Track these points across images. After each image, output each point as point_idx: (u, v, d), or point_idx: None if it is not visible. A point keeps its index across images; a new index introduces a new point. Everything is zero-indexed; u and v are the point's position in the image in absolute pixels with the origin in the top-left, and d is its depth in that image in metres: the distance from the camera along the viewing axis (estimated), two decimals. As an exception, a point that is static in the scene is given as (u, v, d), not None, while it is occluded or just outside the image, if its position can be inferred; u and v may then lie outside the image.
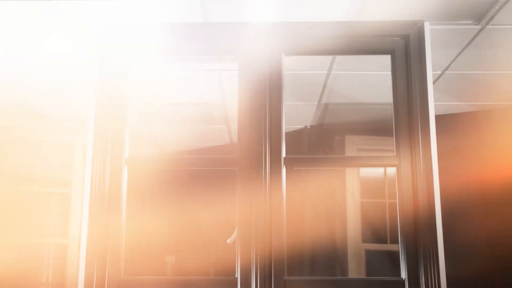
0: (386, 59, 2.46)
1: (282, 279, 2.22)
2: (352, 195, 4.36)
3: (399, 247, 2.28)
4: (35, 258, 4.44)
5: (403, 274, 2.24)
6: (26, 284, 4.48)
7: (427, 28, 2.45)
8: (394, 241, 4.35)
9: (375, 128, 4.44)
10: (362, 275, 4.24)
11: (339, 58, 3.37)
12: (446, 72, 3.53)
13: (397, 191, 2.31)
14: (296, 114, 4.44)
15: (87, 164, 2.33)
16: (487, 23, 2.67)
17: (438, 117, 2.39)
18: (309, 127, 4.74)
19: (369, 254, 4.38)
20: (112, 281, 2.22)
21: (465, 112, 4.24)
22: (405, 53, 2.41)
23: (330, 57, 3.36)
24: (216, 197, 5.47)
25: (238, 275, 2.23)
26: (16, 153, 4.36)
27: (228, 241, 2.55)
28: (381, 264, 4.53)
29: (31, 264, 4.40)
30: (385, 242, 4.42)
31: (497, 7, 2.50)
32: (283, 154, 2.34)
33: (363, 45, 2.45)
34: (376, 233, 4.46)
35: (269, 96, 2.39)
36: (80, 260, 2.24)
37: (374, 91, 3.86)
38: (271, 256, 2.24)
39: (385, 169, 4.55)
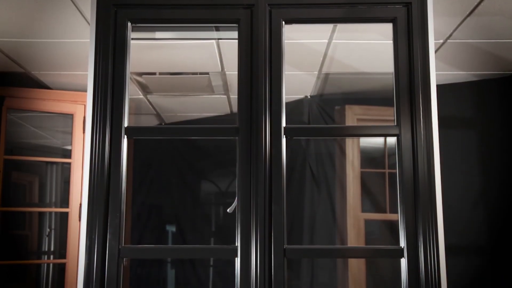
0: (388, 27, 2.43)
1: (282, 248, 2.24)
2: (352, 165, 4.37)
3: (398, 216, 2.29)
4: (36, 227, 4.48)
5: (402, 243, 2.26)
6: (29, 252, 4.53)
7: (430, -5, 2.41)
8: (394, 210, 4.38)
9: (375, 98, 4.43)
10: (362, 244, 4.28)
11: (340, 26, 3.34)
12: (448, 41, 3.50)
13: (397, 161, 2.31)
14: (297, 84, 4.43)
15: (86, 134, 2.32)
16: (490, -9, 2.63)
17: (439, 87, 2.37)
18: (309, 97, 4.72)
19: (369, 223, 4.42)
20: (112, 250, 2.23)
21: (467, 82, 4.22)
22: (407, 21, 2.38)
23: (331, 25, 3.33)
24: (216, 167, 5.48)
25: (238, 243, 2.25)
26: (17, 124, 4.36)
27: (228, 210, 2.57)
28: (380, 233, 4.57)
29: (33, 233, 4.45)
30: (384, 211, 4.45)
31: (501, -26, 2.46)
32: (283, 123, 2.34)
33: (364, 13, 2.41)
34: (375, 202, 4.49)
35: (269, 65, 2.37)
36: (81, 229, 2.26)
37: (375, 60, 3.84)
38: (270, 225, 2.25)
39: (385, 139, 4.55)
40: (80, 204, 3.91)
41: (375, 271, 4.34)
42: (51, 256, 4.49)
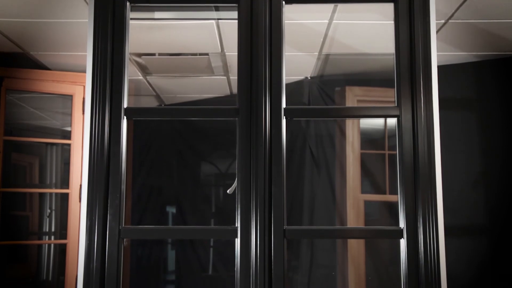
0: (389, 7, 2.41)
1: (282, 229, 2.24)
2: (352, 146, 4.37)
3: (398, 197, 2.30)
4: (37, 208, 4.50)
5: (402, 224, 2.26)
6: (30, 233, 4.55)
7: (432, -26, 2.39)
8: (393, 192, 4.39)
9: (376, 79, 4.41)
10: (361, 226, 4.30)
11: (340, 6, 3.31)
12: (450, 21, 3.47)
13: (397, 142, 2.31)
14: (297, 65, 4.41)
15: (86, 115, 2.31)
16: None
17: (440, 68, 2.36)
18: (309, 78, 4.71)
19: (368, 204, 4.43)
20: (113, 230, 2.24)
21: (467, 63, 4.20)
22: (409, 1, 2.36)
23: (331, 5, 3.30)
24: (216, 149, 5.49)
25: (238, 224, 2.26)
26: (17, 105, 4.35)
27: (228, 191, 2.57)
28: (379, 214, 4.58)
29: (34, 214, 4.46)
30: (384, 193, 4.46)
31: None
32: (283, 105, 2.33)
33: (365, -7, 2.39)
34: (375, 184, 4.50)
35: (269, 46, 2.35)
36: (81, 210, 2.26)
37: (376, 41, 3.82)
38: (270, 206, 2.26)
39: (385, 120, 4.54)
40: (80, 185, 3.91)
41: (375, 252, 4.36)
42: (52, 237, 4.51)
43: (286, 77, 2.38)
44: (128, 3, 2.37)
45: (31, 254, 4.42)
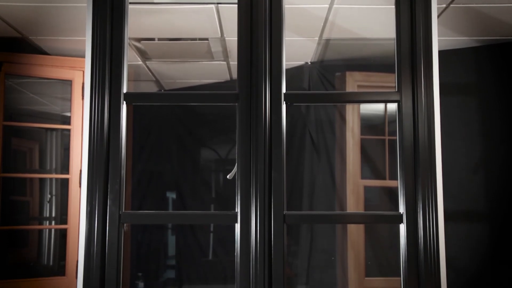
0: (390, -9, 2.40)
1: (282, 214, 2.25)
2: (352, 131, 4.37)
3: (398, 182, 2.30)
4: (38, 193, 4.50)
5: (401, 209, 2.27)
6: (30, 218, 4.57)
7: (433, -43, 2.36)
8: (393, 177, 4.40)
9: (376, 64, 4.39)
10: (361, 211, 4.31)
11: (341, -9, 3.29)
12: (451, 5, 3.45)
13: (397, 127, 2.31)
14: (297, 50, 4.39)
15: (85, 100, 2.31)
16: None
17: (440, 53, 2.35)
18: (309, 63, 4.69)
19: (368, 190, 4.44)
20: (113, 215, 2.25)
21: (468, 48, 4.18)
22: (410, -14, 2.34)
23: (332, -10, 3.28)
24: (216, 134, 5.48)
25: (238, 209, 2.26)
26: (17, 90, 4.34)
27: (228, 176, 2.57)
28: (379, 200, 4.59)
29: (35, 199, 4.47)
30: (383, 178, 4.47)
31: None
32: (283, 90, 2.32)
33: (366, -23, 2.37)
34: (375, 169, 4.50)
35: (269, 31, 2.34)
36: (81, 195, 2.26)
37: (377, 25, 3.80)
38: (270, 191, 2.26)
39: (385, 106, 4.54)
40: (80, 171, 3.92)
41: (374, 237, 4.38)
42: (53, 222, 4.52)
43: (286, 62, 2.37)
44: (127, -13, 2.35)
45: (32, 239, 4.44)
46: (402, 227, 2.26)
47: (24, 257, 4.38)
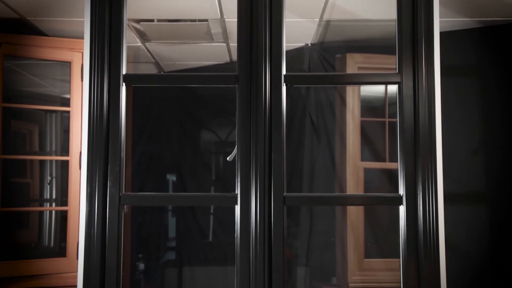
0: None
1: (282, 195, 2.25)
2: (352, 114, 4.36)
3: (398, 164, 2.30)
4: (38, 175, 4.51)
5: (401, 190, 2.27)
6: (31, 200, 4.58)
7: None
8: (393, 159, 4.40)
9: (377, 46, 4.37)
10: (361, 193, 4.32)
11: (342, -29, 3.26)
12: (453, -14, 3.42)
13: (398, 109, 2.30)
14: (297, 32, 4.36)
15: (84, 82, 2.30)
16: None
17: (441, 34, 2.33)
18: (310, 45, 4.66)
19: (368, 172, 4.44)
20: (113, 197, 2.25)
21: (469, 29, 4.15)
22: (411, -34, 2.32)
23: (333, -30, 3.25)
24: (216, 116, 5.48)
25: (238, 191, 2.27)
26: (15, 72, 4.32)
27: (228, 158, 2.57)
28: (379, 182, 4.60)
29: (35, 181, 4.48)
30: (383, 160, 4.47)
31: None
32: (284, 71, 2.31)
33: (367, -43, 2.35)
34: (375, 151, 4.50)
35: (269, 12, 2.32)
36: (81, 177, 2.27)
37: (378, 6, 3.77)
38: (270, 173, 2.26)
39: (386, 88, 4.52)
40: (80, 153, 3.91)
41: (374, 219, 4.40)
42: (53, 204, 4.53)
43: (286, 44, 2.36)
44: (125, -33, 2.33)
45: (32, 220, 4.45)
46: (402, 209, 2.26)
47: (25, 238, 4.40)
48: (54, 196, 4.49)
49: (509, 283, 3.84)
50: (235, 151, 2.34)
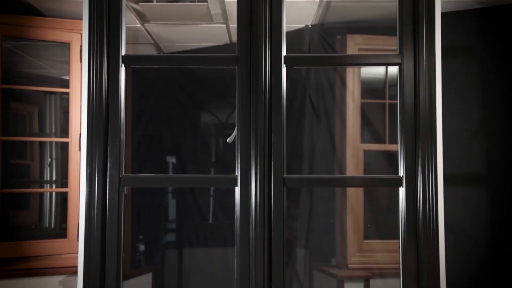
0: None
1: (281, 177, 2.25)
2: (352, 95, 4.34)
3: (398, 146, 2.30)
4: (38, 156, 4.51)
5: (401, 172, 2.27)
6: (31, 181, 4.59)
7: None
8: (393, 141, 4.40)
9: (378, 27, 4.34)
10: (360, 174, 4.33)
11: (343, -49, 3.22)
12: (455, -33, 3.39)
13: (398, 90, 2.29)
14: (297, 13, 4.33)
15: (83, 63, 2.29)
16: None
17: (442, 14, 2.31)
18: (310, 26, 4.63)
19: (368, 154, 4.45)
20: (113, 178, 2.25)
21: (471, 9, 4.12)
22: None
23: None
24: (216, 98, 5.46)
25: (238, 173, 2.27)
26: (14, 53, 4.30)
27: (228, 140, 2.57)
28: (379, 164, 4.60)
29: (35, 162, 4.48)
30: (383, 142, 4.47)
31: None
32: (284, 52, 2.30)
33: None
34: (375, 133, 4.49)
35: (269, -8, 2.30)
36: (81, 158, 2.27)
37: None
38: (270, 155, 2.26)
39: (386, 69, 4.50)
40: (80, 134, 3.91)
41: (373, 200, 4.41)
42: (53, 185, 4.54)
43: (286, 25, 2.34)
44: None
45: (33, 202, 4.47)
46: (402, 190, 2.27)
47: (26, 220, 4.42)
48: (54, 178, 4.49)
49: (509, 265, 3.86)
50: (235, 132, 2.33)
